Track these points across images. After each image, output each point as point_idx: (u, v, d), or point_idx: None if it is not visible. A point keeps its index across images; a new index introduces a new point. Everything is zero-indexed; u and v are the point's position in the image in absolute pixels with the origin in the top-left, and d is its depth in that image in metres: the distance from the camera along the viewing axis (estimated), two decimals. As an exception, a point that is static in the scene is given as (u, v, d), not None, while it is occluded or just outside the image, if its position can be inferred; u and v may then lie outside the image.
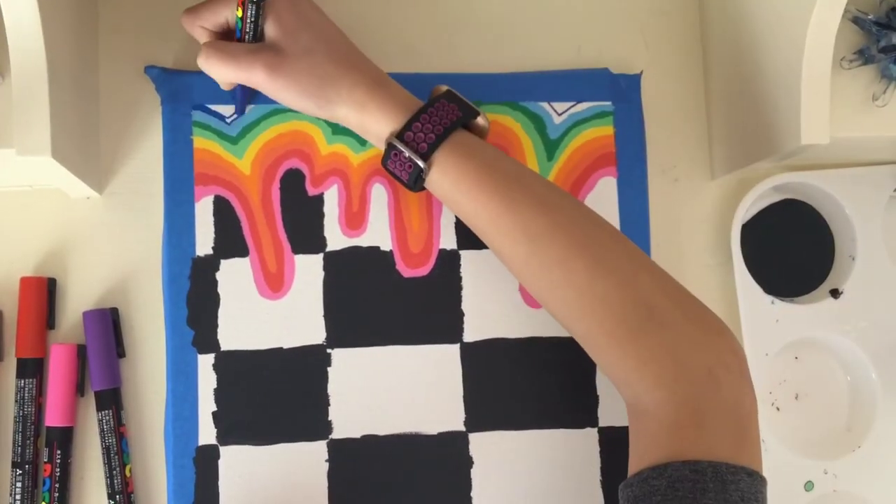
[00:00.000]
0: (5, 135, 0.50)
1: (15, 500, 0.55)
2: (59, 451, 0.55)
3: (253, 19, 0.52)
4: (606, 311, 0.49)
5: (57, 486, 0.55)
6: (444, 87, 0.55)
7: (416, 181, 0.54)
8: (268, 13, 0.53)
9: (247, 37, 0.53)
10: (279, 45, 0.53)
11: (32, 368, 0.56)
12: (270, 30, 0.53)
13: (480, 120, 0.54)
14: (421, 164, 0.52)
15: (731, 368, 0.47)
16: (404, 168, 0.53)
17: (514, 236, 0.51)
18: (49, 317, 0.57)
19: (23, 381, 0.56)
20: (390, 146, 0.53)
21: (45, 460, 0.55)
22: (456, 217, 0.59)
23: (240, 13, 0.52)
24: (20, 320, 0.56)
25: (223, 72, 0.53)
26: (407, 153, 0.52)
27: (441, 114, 0.52)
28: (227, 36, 0.55)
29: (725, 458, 0.45)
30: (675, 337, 0.48)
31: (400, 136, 0.52)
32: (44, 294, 0.57)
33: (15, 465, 0.55)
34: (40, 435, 0.56)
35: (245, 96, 0.58)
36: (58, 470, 0.55)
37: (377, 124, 0.53)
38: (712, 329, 0.49)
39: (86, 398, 0.57)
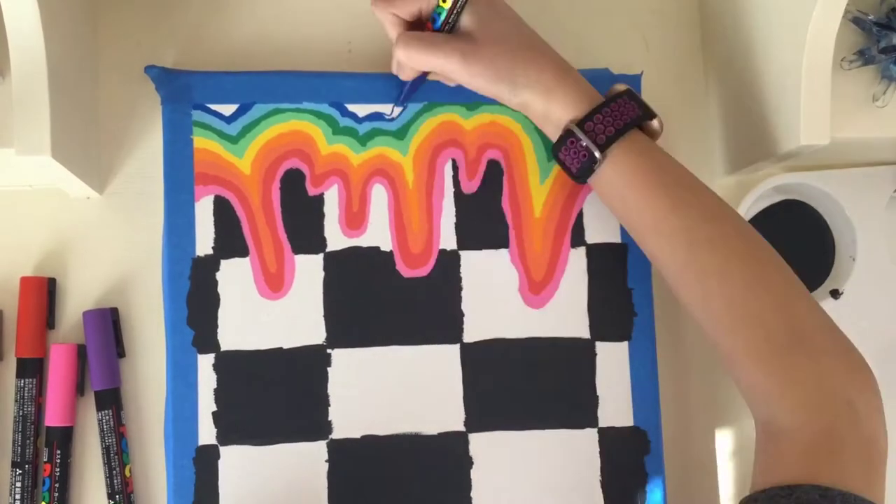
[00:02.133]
0: (5, 134, 0.50)
1: (15, 499, 0.55)
2: (58, 451, 0.55)
3: (459, 10, 0.54)
4: (759, 329, 0.49)
5: (57, 485, 0.55)
6: (624, 86, 0.55)
7: (586, 172, 0.54)
8: (468, 7, 0.54)
9: (446, 27, 0.54)
10: (473, 34, 0.54)
11: (32, 368, 0.56)
12: (466, 20, 0.54)
13: (655, 123, 0.55)
14: (597, 154, 0.53)
15: (871, 404, 0.48)
16: (577, 156, 0.54)
17: (677, 240, 0.52)
18: (49, 317, 0.57)
19: (23, 381, 0.56)
20: (568, 133, 0.54)
21: (45, 460, 0.55)
22: (456, 217, 0.59)
23: (446, 4, 0.53)
24: (20, 320, 0.56)
25: (422, 59, 0.54)
26: (585, 142, 0.53)
27: (622, 110, 0.53)
28: (416, 24, 0.56)
29: (855, 489, 0.45)
30: (821, 366, 0.48)
31: (580, 124, 0.53)
32: (44, 294, 0.57)
33: (15, 464, 0.55)
34: (40, 435, 0.56)
35: (412, 90, 0.59)
36: (58, 470, 0.55)
37: (560, 110, 0.54)
38: (857, 365, 0.49)
39: (86, 398, 0.57)
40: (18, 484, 0.55)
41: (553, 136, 0.56)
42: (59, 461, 0.55)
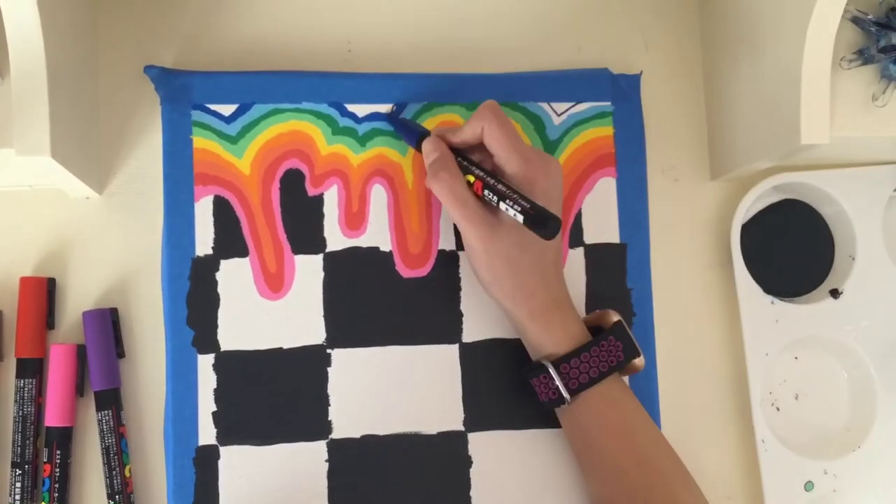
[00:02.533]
0: (5, 135, 0.50)
1: (14, 500, 0.55)
2: (58, 452, 0.55)
3: (493, 200, 0.52)
4: None
5: (56, 486, 0.55)
6: (616, 318, 0.55)
7: (552, 406, 0.55)
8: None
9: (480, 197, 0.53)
10: (502, 222, 0.53)
11: (32, 368, 0.56)
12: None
13: (637, 361, 0.55)
14: (567, 398, 0.53)
15: None
16: (547, 391, 0.54)
17: (633, 493, 0.52)
18: (49, 317, 0.57)
19: (22, 381, 0.56)
20: (541, 367, 0.53)
21: (45, 460, 0.55)
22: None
23: (471, 178, 0.53)
24: (20, 320, 0.56)
25: (443, 199, 0.53)
26: (557, 382, 0.53)
27: (604, 354, 0.53)
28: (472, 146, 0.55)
29: None
30: None
31: (556, 363, 0.53)
32: (43, 294, 0.57)
33: (14, 465, 0.55)
34: (40, 435, 0.56)
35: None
36: (57, 470, 0.55)
37: (538, 339, 0.54)
38: None
39: (85, 398, 0.57)
40: (18, 484, 0.55)
41: (529, 353, 0.56)
42: (58, 461, 0.55)
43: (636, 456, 0.53)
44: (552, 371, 0.53)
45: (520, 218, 0.50)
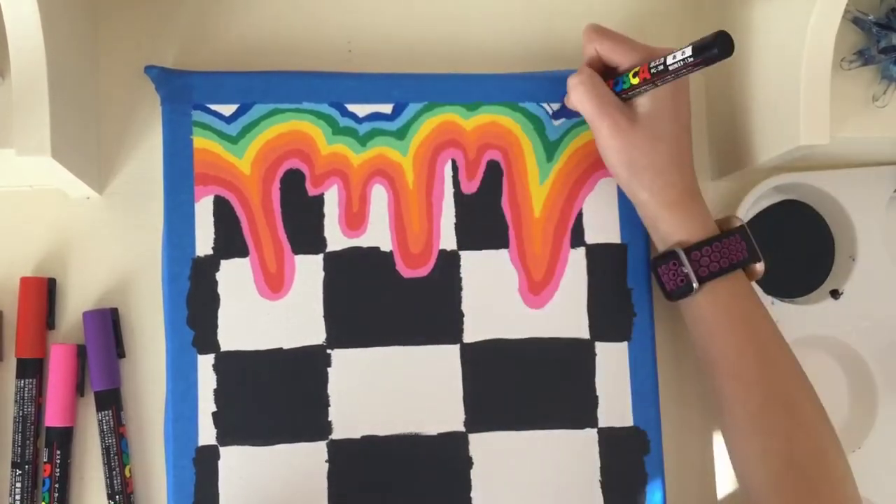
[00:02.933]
0: (5, 135, 0.50)
1: (15, 500, 0.55)
2: (58, 452, 0.55)
3: (642, 90, 0.54)
4: (802, 496, 0.52)
5: (57, 486, 0.55)
6: (740, 221, 0.56)
7: (680, 295, 0.55)
8: (654, 92, 0.54)
9: (624, 96, 0.55)
10: (637, 115, 0.55)
11: (32, 368, 0.56)
12: (644, 103, 0.55)
13: (759, 266, 0.56)
14: (695, 285, 0.54)
15: None
16: (675, 279, 0.55)
17: (754, 391, 0.53)
18: (49, 317, 0.57)
19: (23, 382, 0.56)
20: (672, 254, 0.55)
21: (45, 460, 0.55)
22: (456, 217, 0.59)
23: (636, 81, 0.54)
24: (20, 320, 0.56)
25: (582, 102, 0.55)
26: (686, 269, 0.54)
27: (731, 248, 0.55)
28: (605, 67, 0.57)
29: None
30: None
31: (688, 250, 0.54)
32: (44, 294, 0.57)
33: (15, 465, 0.55)
34: (40, 435, 0.56)
35: None
36: (58, 470, 0.55)
37: (670, 227, 0.55)
38: None
39: (86, 398, 0.57)
40: (18, 484, 0.55)
41: (657, 244, 0.57)
42: (58, 461, 0.55)
43: (759, 352, 0.54)
44: (683, 257, 0.54)
45: (689, 51, 0.50)
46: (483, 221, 0.60)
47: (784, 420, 0.53)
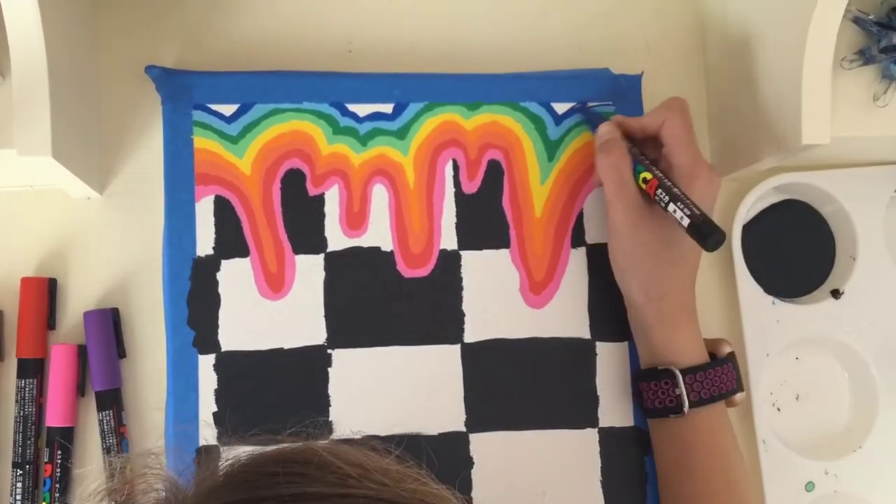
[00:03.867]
0: (6, 135, 0.50)
1: (16, 500, 0.55)
2: (59, 452, 0.55)
3: (663, 203, 0.53)
4: None
5: (58, 486, 0.55)
6: (730, 349, 0.56)
7: (660, 413, 0.55)
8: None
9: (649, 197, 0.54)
10: (654, 212, 0.54)
11: (33, 368, 0.56)
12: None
13: (738, 397, 0.56)
14: (686, 409, 0.54)
15: None
16: (662, 398, 0.55)
17: None
18: (50, 317, 0.57)
19: (23, 382, 0.56)
20: (667, 373, 0.54)
21: (46, 460, 0.55)
22: (456, 217, 0.59)
23: (642, 185, 0.54)
24: (21, 320, 0.56)
25: (605, 175, 0.55)
26: (680, 391, 0.53)
27: (723, 378, 0.54)
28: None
29: None
30: None
31: (684, 372, 0.54)
32: (44, 294, 0.57)
33: (15, 465, 0.55)
34: (41, 435, 0.56)
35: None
36: (58, 470, 0.55)
37: (664, 344, 0.55)
38: None
39: (86, 398, 0.57)
40: (19, 484, 0.55)
41: (642, 354, 0.56)
42: (59, 462, 0.55)
43: (730, 485, 0.54)
44: (679, 379, 0.53)
45: (685, 222, 0.51)
46: (484, 221, 0.60)
47: None
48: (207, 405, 0.56)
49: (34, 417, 0.56)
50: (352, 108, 0.59)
